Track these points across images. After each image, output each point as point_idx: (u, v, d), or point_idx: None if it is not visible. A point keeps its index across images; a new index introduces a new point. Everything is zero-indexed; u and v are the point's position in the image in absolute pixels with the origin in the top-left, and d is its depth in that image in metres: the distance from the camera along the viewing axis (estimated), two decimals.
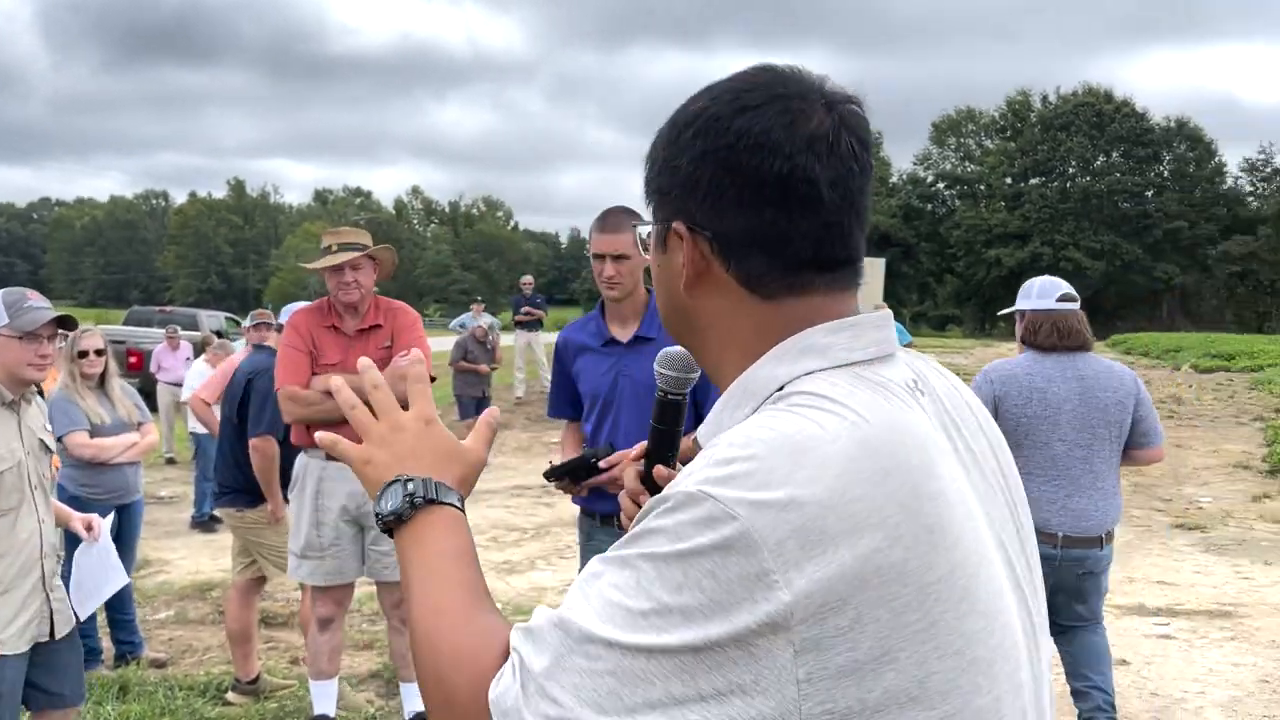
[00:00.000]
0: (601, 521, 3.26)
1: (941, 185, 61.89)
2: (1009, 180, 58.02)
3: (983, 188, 59.88)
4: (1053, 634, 3.11)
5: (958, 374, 1.08)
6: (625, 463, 3.18)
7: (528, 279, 16.65)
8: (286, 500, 4.40)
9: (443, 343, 15.27)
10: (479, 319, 13.31)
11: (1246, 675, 5.00)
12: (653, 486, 1.21)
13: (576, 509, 3.45)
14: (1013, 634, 0.88)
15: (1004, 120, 60.94)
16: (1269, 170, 57.60)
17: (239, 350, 7.54)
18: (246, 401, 4.48)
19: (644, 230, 1.02)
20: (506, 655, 0.86)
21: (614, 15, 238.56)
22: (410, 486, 1.00)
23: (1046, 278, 3.77)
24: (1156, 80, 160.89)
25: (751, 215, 0.91)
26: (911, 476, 0.83)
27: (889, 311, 0.99)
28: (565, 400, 3.40)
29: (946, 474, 0.86)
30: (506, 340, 16.54)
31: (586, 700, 0.79)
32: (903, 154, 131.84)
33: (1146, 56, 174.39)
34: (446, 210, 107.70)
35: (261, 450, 4.40)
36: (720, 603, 0.77)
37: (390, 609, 3.95)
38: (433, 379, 4.09)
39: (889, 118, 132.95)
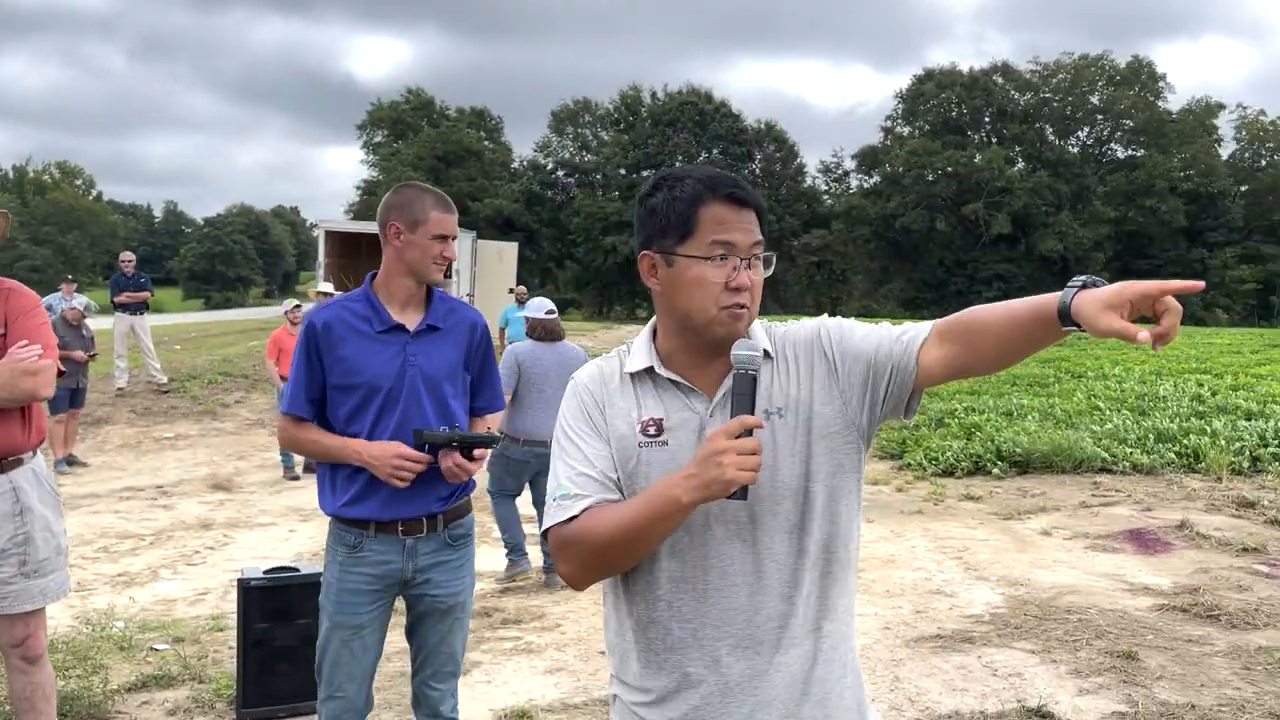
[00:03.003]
0: (377, 530, 2.86)
1: (561, 173, 63.70)
2: (623, 171, 60.85)
3: (599, 177, 62.40)
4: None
5: (589, 354, 1.58)
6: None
7: (128, 257, 14.85)
8: None
9: None
10: (71, 300, 11.69)
11: (870, 624, 5.57)
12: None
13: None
14: None
15: (618, 113, 63.82)
16: (840, 172, 65.37)
17: None
18: None
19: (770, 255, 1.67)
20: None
21: None
22: None
23: (540, 299, 6.84)
24: (746, 85, 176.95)
25: None
26: None
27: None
28: (311, 396, 2.87)
29: None
30: (104, 324, 14.74)
31: None
32: (524, 140, 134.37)
33: (737, 63, 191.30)
34: (10, 175, 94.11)
35: None
36: None
37: (9, 647, 3.24)
38: (61, 373, 3.39)
39: (510, 103, 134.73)
